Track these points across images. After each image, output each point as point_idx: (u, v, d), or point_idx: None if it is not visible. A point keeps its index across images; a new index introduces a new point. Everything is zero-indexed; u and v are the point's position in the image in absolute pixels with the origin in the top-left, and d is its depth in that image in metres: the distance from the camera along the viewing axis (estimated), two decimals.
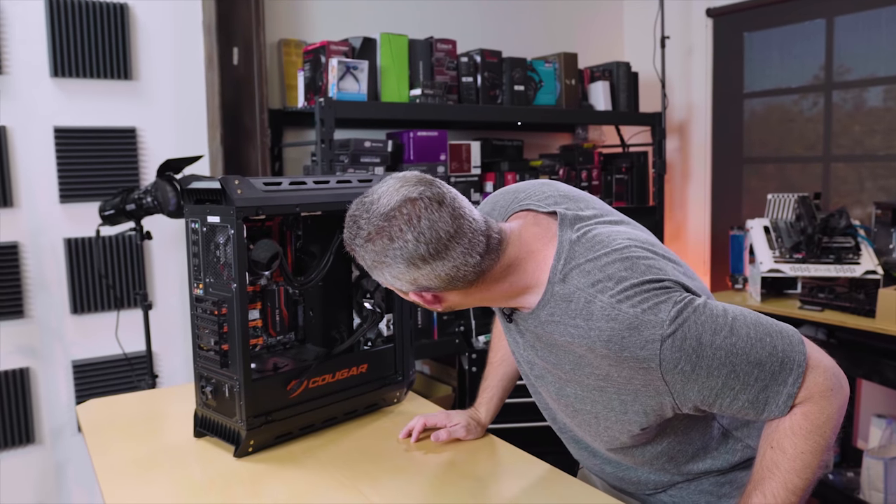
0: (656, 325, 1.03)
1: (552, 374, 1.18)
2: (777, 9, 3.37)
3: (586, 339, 1.07)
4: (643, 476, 1.29)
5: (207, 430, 1.48)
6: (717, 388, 1.05)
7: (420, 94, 2.80)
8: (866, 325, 2.45)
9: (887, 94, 3.06)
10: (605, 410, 1.13)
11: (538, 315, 1.14)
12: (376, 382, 1.64)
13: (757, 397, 1.06)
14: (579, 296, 1.09)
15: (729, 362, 1.04)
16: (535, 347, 1.19)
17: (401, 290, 1.15)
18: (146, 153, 2.73)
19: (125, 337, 2.63)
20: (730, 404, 1.07)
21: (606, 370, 1.08)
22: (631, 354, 1.04)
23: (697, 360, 1.03)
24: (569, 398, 1.17)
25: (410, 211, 1.05)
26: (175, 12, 2.77)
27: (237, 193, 1.35)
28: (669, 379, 1.04)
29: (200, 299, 1.44)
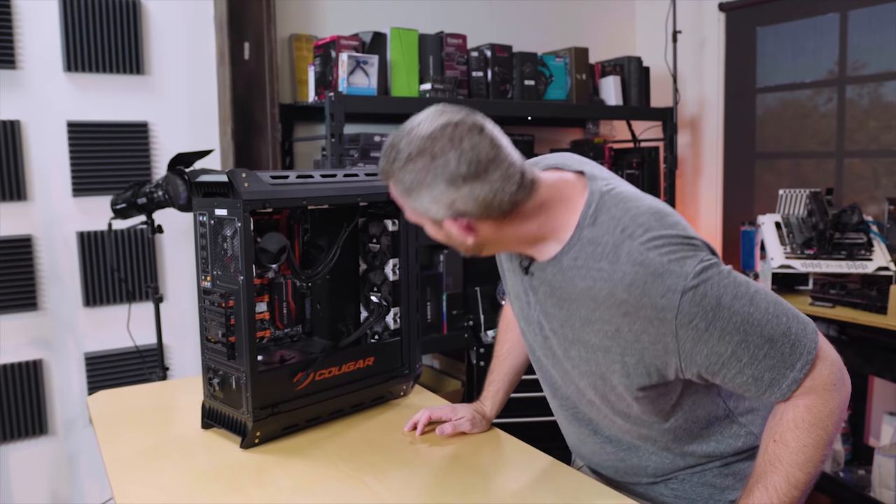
0: (680, 276, 1.04)
1: (560, 334, 1.19)
2: (790, 3, 3.35)
3: (608, 282, 1.08)
4: (644, 459, 1.28)
5: (215, 421, 1.50)
6: (725, 356, 1.06)
7: (430, 89, 2.80)
8: (878, 322, 2.43)
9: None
10: (610, 372, 1.14)
11: (560, 261, 1.15)
12: (383, 375, 1.65)
13: (763, 375, 1.07)
14: (607, 240, 1.10)
15: (742, 330, 1.05)
16: (547, 304, 1.19)
17: (435, 221, 1.13)
18: (158, 147, 2.75)
19: (137, 330, 2.65)
20: (734, 376, 1.08)
21: (617, 323, 1.09)
22: (650, 301, 1.05)
23: (713, 319, 1.04)
24: (574, 359, 1.19)
25: (452, 132, 1.06)
26: (187, 7, 2.78)
27: (244, 186, 1.36)
28: (682, 334, 1.05)
29: (208, 291, 1.45)
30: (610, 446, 1.31)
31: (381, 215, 1.67)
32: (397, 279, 1.66)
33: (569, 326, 1.16)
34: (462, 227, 1.11)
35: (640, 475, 1.32)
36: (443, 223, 1.12)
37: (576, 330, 1.15)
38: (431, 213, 1.11)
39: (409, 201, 1.12)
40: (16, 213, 2.52)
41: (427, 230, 1.18)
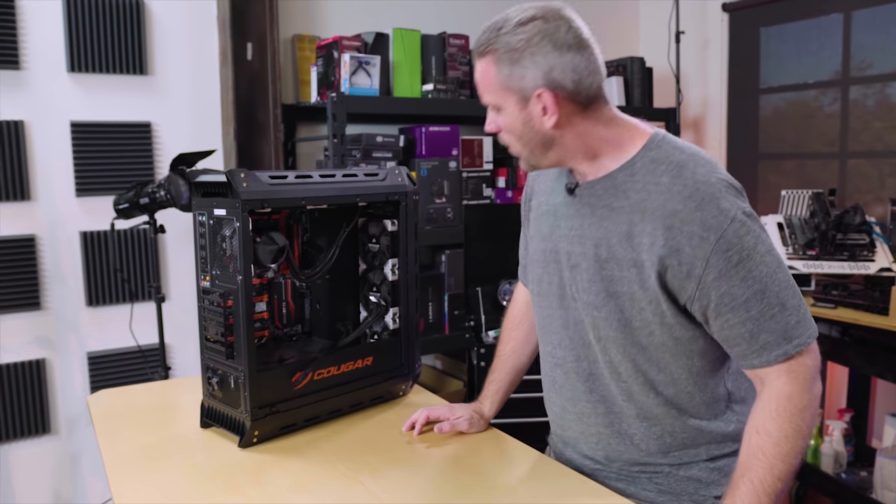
0: (733, 208, 1.13)
1: (592, 256, 1.23)
2: (794, 3, 3.34)
3: (665, 194, 1.15)
4: (632, 426, 1.27)
5: (213, 420, 1.50)
6: (739, 300, 1.12)
7: (432, 90, 2.80)
8: (880, 323, 2.42)
9: None
10: (641, 290, 1.18)
11: (614, 177, 1.22)
12: (382, 375, 1.65)
13: (760, 334, 1.13)
14: (672, 159, 1.18)
15: (764, 283, 1.12)
16: (585, 224, 1.25)
17: (524, 96, 1.17)
18: (161, 148, 2.77)
19: (139, 329, 2.66)
20: (735, 324, 1.14)
21: (658, 237, 1.14)
22: (701, 217, 1.12)
23: (745, 259, 1.12)
24: (604, 281, 1.22)
25: (558, 10, 1.17)
26: (190, 8, 2.79)
27: (243, 186, 1.37)
28: (712, 262, 1.11)
29: (207, 291, 1.46)
30: (602, 406, 1.30)
31: (380, 215, 1.67)
32: (396, 279, 1.66)
33: (604, 245, 1.22)
34: (551, 101, 1.16)
35: (621, 453, 1.30)
36: (531, 98, 1.17)
37: (612, 247, 1.20)
38: (528, 80, 1.16)
39: (507, 69, 1.17)
40: (19, 212, 2.54)
41: (505, 117, 1.21)
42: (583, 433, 1.35)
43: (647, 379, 1.25)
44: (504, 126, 1.23)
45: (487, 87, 1.21)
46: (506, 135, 1.25)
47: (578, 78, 1.16)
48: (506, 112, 1.21)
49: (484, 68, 1.20)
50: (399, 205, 1.64)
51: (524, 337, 1.60)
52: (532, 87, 1.16)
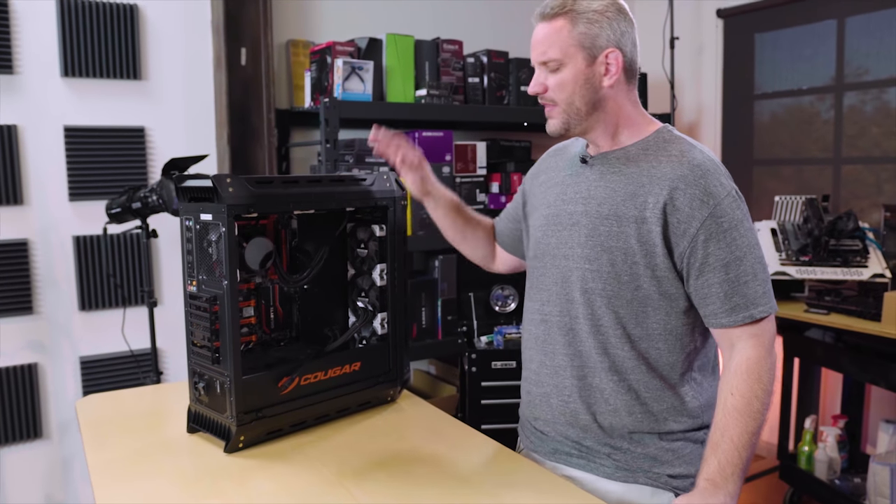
0: (729, 185, 1.32)
1: (595, 213, 1.36)
2: (788, 9, 3.34)
3: (674, 163, 1.32)
4: (603, 381, 1.37)
5: (200, 425, 1.50)
6: (720, 262, 1.28)
7: (426, 95, 2.81)
8: (872, 329, 2.42)
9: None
10: (638, 244, 1.31)
11: (628, 150, 1.38)
12: (369, 381, 1.65)
13: (733, 295, 1.29)
14: (682, 143, 1.36)
15: (742, 252, 1.29)
16: (592, 186, 1.38)
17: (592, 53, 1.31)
18: (154, 152, 2.77)
19: (132, 334, 2.66)
20: (714, 284, 1.29)
21: (662, 197, 1.29)
22: (705, 183, 1.29)
23: (732, 227, 1.29)
24: (601, 236, 1.35)
25: None
26: (184, 13, 2.80)
27: (228, 192, 1.37)
28: (706, 224, 1.28)
29: (194, 296, 1.46)
30: (577, 360, 1.40)
31: (368, 220, 1.67)
32: (384, 284, 1.66)
33: (608, 203, 1.35)
34: (619, 60, 1.32)
35: (586, 411, 1.39)
36: (599, 56, 1.32)
37: (615, 205, 1.34)
38: (601, 39, 1.31)
39: (584, 27, 1.30)
40: (12, 217, 2.54)
41: (564, 73, 1.33)
42: (556, 386, 1.43)
43: (626, 332, 1.36)
44: (559, 82, 1.34)
45: (555, 43, 1.32)
46: (556, 92, 1.35)
47: (634, 50, 1.35)
48: (567, 68, 1.33)
49: (555, 26, 1.32)
50: (387, 210, 1.64)
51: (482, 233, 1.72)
52: (604, 46, 1.31)
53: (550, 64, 1.34)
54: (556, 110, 1.37)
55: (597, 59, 1.32)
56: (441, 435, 1.53)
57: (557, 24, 1.33)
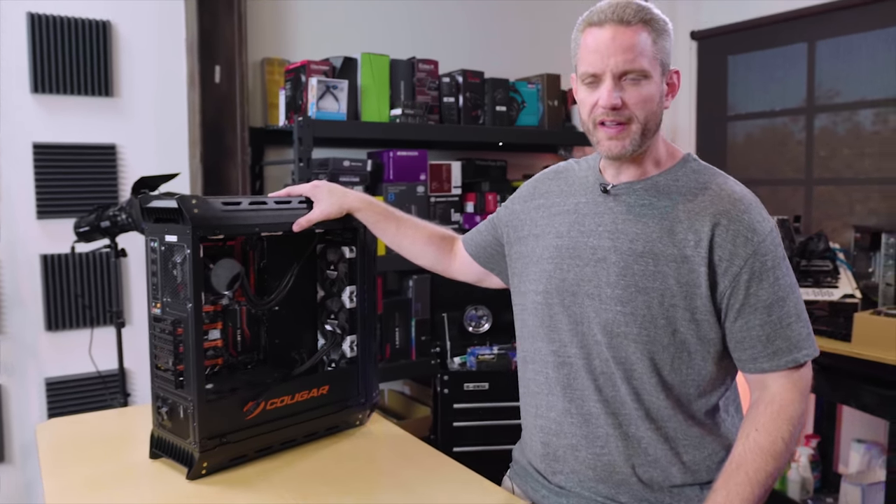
0: (770, 220, 1.25)
1: (626, 250, 1.25)
2: (760, 32, 3.39)
3: (712, 196, 1.24)
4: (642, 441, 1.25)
5: (163, 451, 1.47)
6: (763, 303, 1.20)
7: (401, 114, 2.80)
8: (843, 350, 2.44)
9: (876, 117, 3.06)
10: (678, 285, 1.21)
11: (656, 181, 1.29)
12: (338, 404, 1.62)
13: (776, 339, 1.20)
14: (712, 174, 1.30)
15: (786, 292, 1.21)
16: (619, 220, 1.28)
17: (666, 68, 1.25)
18: (126, 170, 2.73)
19: (99, 354, 2.61)
20: (756, 325, 1.20)
21: (704, 234, 1.21)
22: (749, 219, 1.21)
23: (775, 266, 1.21)
24: (635, 276, 1.24)
25: None
26: (158, 30, 2.78)
27: (194, 213, 1.35)
28: (751, 262, 1.20)
29: (158, 319, 1.43)
30: (611, 406, 1.27)
31: (338, 242, 1.66)
32: (354, 307, 1.65)
33: (641, 240, 1.25)
34: (679, 80, 1.28)
35: (626, 471, 1.27)
36: (668, 73, 1.26)
37: (651, 242, 1.24)
38: (669, 56, 1.25)
39: (662, 41, 1.23)
40: None
41: (647, 87, 1.22)
42: (587, 436, 1.29)
43: (661, 379, 1.25)
44: (644, 96, 1.22)
45: (643, 52, 1.21)
46: (639, 108, 1.22)
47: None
48: (651, 82, 1.23)
49: (640, 34, 1.21)
50: (357, 231, 1.63)
51: (431, 239, 1.64)
52: (669, 63, 1.26)
53: (633, 75, 1.20)
54: (629, 129, 1.23)
55: (664, 76, 1.25)
56: (411, 460, 1.51)
57: (641, 33, 1.20)
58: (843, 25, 3.09)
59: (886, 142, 3.01)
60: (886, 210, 3.03)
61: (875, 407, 2.37)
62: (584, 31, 1.25)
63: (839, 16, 3.08)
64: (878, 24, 2.97)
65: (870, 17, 2.99)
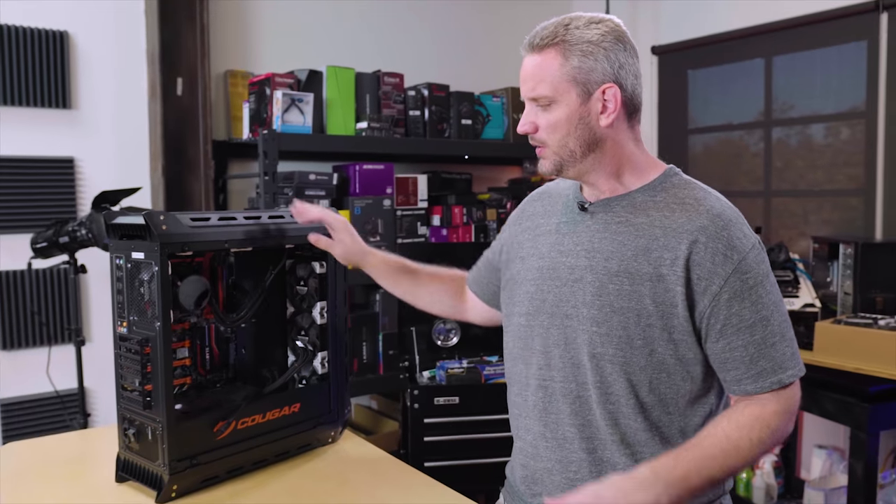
0: (753, 235, 1.20)
1: (602, 269, 1.22)
2: (719, 48, 3.46)
3: (690, 212, 1.19)
4: (617, 466, 1.21)
5: (130, 474, 1.42)
6: (746, 323, 1.16)
7: (366, 128, 2.79)
8: (805, 359, 2.45)
9: (828, 130, 3.15)
10: (654, 305, 1.18)
11: (634, 196, 1.25)
12: (309, 422, 1.60)
13: (760, 360, 1.16)
14: (693, 187, 1.24)
15: (769, 311, 1.17)
16: (596, 238, 1.25)
17: (588, 90, 1.19)
18: (84, 184, 2.67)
19: (57, 374, 2.53)
20: (738, 346, 1.16)
21: (680, 252, 1.17)
22: (727, 235, 1.17)
23: (758, 284, 1.16)
24: (610, 295, 1.20)
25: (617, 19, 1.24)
26: (117, 41, 2.73)
27: (162, 229, 1.32)
28: (730, 282, 1.15)
29: (124, 338, 1.40)
30: (586, 431, 1.24)
31: (308, 257, 1.63)
32: (325, 322, 1.62)
33: (616, 259, 1.21)
34: (616, 96, 1.19)
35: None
36: (595, 92, 1.19)
37: (625, 261, 1.20)
38: (597, 73, 1.18)
39: (577, 60, 1.18)
40: None
41: (556, 111, 1.20)
42: (560, 461, 1.27)
43: (639, 401, 1.21)
44: (551, 122, 1.21)
45: (545, 78, 1.19)
46: (548, 133, 1.22)
47: (636, 82, 1.22)
48: (560, 105, 1.20)
49: (546, 60, 1.20)
50: None
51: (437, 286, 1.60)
52: (600, 81, 1.19)
53: (541, 101, 1.21)
54: (547, 151, 1.24)
55: (592, 95, 1.19)
56: (384, 477, 1.49)
57: (548, 57, 1.19)
58: (797, 42, 3.17)
59: (838, 154, 3.10)
60: (839, 219, 3.11)
61: (837, 413, 2.42)
62: None
63: (794, 33, 3.16)
64: (831, 42, 3.06)
65: (823, 34, 3.07)
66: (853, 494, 2.39)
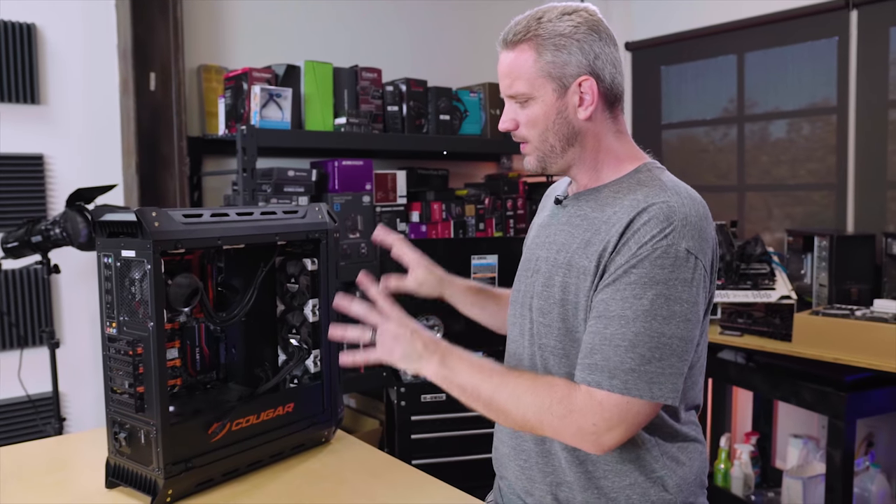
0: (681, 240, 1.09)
1: (553, 260, 1.22)
2: (691, 44, 3.50)
3: (636, 206, 1.13)
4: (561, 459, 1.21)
5: (121, 479, 1.38)
6: (609, 312, 1.10)
7: (345, 123, 2.76)
8: (783, 349, 2.53)
9: (790, 126, 3.21)
10: (585, 299, 1.15)
11: (599, 191, 1.23)
12: (304, 422, 1.57)
13: (594, 353, 1.10)
14: (653, 186, 1.17)
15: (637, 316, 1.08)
16: (557, 231, 1.25)
17: (563, 84, 1.17)
18: (55, 182, 2.59)
19: (29, 378, 2.46)
20: (590, 332, 1.12)
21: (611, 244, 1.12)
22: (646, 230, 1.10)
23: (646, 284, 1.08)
24: (554, 287, 1.20)
25: (593, 8, 1.21)
26: (87, 34, 2.65)
27: (154, 226, 1.28)
28: (619, 269, 1.10)
29: (113, 339, 1.35)
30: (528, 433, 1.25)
31: (298, 254, 1.60)
32: (317, 320, 1.60)
33: (564, 251, 1.21)
34: (593, 88, 1.17)
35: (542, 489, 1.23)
36: (571, 86, 1.17)
37: (570, 253, 1.20)
38: (571, 66, 1.16)
39: (551, 54, 1.16)
40: None
41: (534, 108, 1.19)
42: (514, 448, 1.29)
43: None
44: (530, 118, 1.20)
45: (521, 74, 1.18)
46: (528, 129, 1.21)
47: (614, 71, 1.20)
48: (537, 102, 1.19)
49: (520, 56, 1.18)
50: (319, 243, 1.58)
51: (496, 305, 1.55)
52: (575, 74, 1.17)
53: (518, 98, 1.20)
54: (529, 147, 1.24)
55: (569, 89, 1.17)
56: (381, 477, 1.47)
57: (520, 53, 1.18)
58: (769, 38, 3.22)
59: (803, 149, 3.16)
60: (801, 214, 3.18)
61: (815, 403, 2.46)
62: None
63: (766, 29, 3.21)
64: (802, 38, 3.11)
65: (794, 30, 3.12)
66: (831, 481, 2.44)
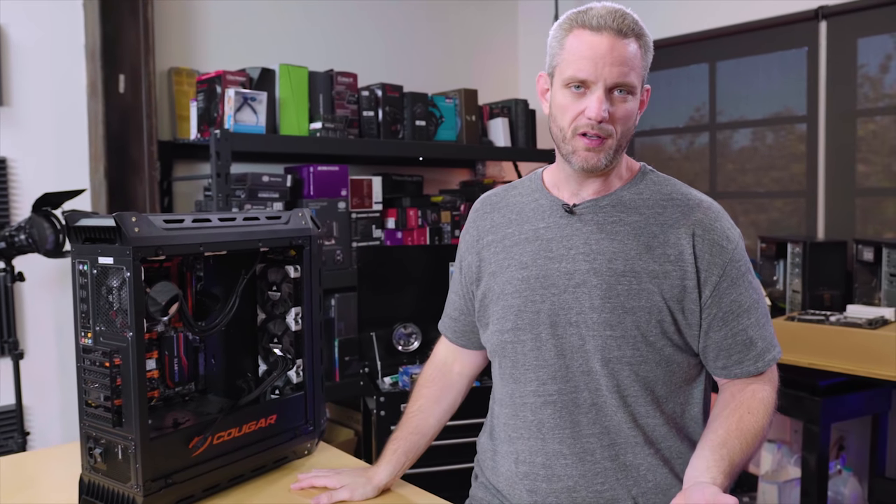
0: (736, 227, 1.26)
1: (606, 271, 1.21)
2: (664, 52, 3.52)
3: (682, 207, 1.23)
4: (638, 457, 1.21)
5: (96, 497, 1.32)
6: (744, 306, 1.20)
7: (320, 128, 2.71)
8: None
9: (755, 134, 3.26)
10: (662, 301, 1.19)
11: (620, 195, 1.25)
12: (286, 434, 1.52)
13: (757, 341, 1.21)
14: (672, 184, 1.29)
15: (758, 294, 1.24)
16: (593, 241, 1.23)
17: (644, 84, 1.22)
18: (19, 186, 2.50)
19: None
20: (739, 331, 1.20)
21: (682, 246, 1.19)
22: (721, 226, 1.21)
23: (747, 271, 1.22)
24: (620, 296, 1.19)
25: None
26: (54, 34, 2.57)
27: (134, 232, 1.22)
28: (728, 269, 1.19)
29: (89, 349, 1.29)
30: (606, 438, 1.22)
31: (280, 261, 1.56)
32: (300, 329, 1.55)
33: (620, 259, 1.21)
34: (647, 97, 1.26)
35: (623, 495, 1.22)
36: (643, 89, 1.23)
37: (630, 260, 1.20)
38: (640, 67, 1.19)
39: (648, 56, 1.21)
40: None
41: (632, 102, 1.20)
42: (584, 475, 1.23)
43: (654, 397, 1.22)
44: (627, 112, 1.19)
45: (635, 67, 1.18)
46: (620, 124, 1.19)
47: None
48: (635, 98, 1.20)
49: (632, 48, 1.17)
50: (303, 249, 1.54)
51: (435, 396, 1.48)
52: (643, 75, 1.21)
53: (622, 89, 1.17)
54: (609, 143, 1.18)
55: (641, 92, 1.22)
56: None
57: (633, 47, 1.17)
58: (741, 47, 3.26)
59: (765, 158, 3.22)
60: (765, 221, 3.24)
61: (790, 409, 2.48)
62: (574, 33, 1.19)
63: (738, 39, 3.25)
64: (773, 48, 3.16)
65: (765, 40, 3.17)
66: (807, 486, 2.46)
